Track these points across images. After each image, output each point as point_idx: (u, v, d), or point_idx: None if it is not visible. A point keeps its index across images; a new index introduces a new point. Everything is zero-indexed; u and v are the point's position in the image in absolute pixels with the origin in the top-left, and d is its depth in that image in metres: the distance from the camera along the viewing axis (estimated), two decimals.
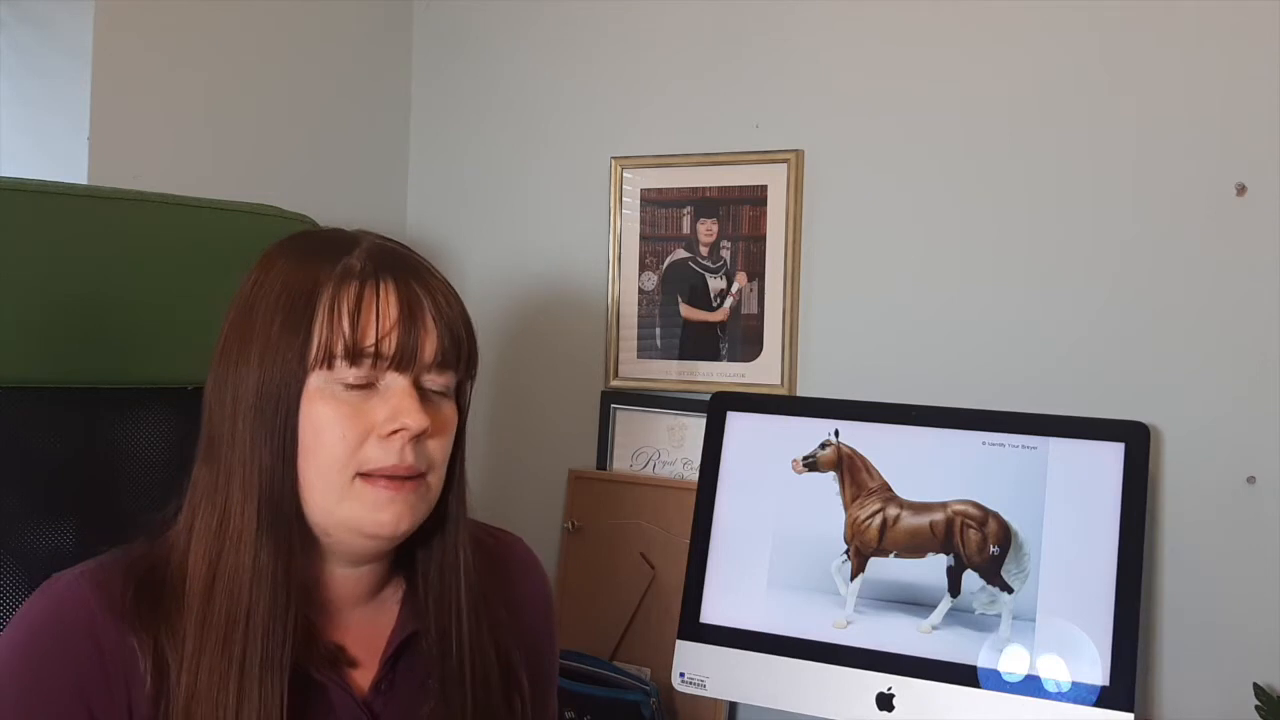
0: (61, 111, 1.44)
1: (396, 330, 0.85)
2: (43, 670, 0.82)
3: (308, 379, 0.85)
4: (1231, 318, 1.41)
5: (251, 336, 0.86)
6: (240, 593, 0.84)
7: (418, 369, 0.87)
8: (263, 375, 0.85)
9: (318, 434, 0.85)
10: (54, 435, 1.07)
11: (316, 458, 0.85)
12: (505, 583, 1.03)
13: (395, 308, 0.86)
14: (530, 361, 1.84)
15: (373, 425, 0.85)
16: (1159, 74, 1.45)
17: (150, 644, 0.83)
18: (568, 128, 1.81)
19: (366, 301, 0.85)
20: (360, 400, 0.86)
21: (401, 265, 0.89)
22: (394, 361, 0.86)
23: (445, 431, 0.90)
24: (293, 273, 0.87)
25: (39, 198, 1.08)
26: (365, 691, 0.91)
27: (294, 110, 1.72)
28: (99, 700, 0.82)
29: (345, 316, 0.85)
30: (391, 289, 0.86)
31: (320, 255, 0.88)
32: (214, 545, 0.85)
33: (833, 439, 1.43)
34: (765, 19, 1.67)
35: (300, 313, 0.85)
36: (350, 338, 0.84)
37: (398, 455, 0.86)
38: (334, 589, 0.92)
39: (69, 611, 0.84)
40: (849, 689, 1.35)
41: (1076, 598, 1.29)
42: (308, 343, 0.85)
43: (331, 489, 0.86)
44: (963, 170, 1.55)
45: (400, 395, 0.86)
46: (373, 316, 0.85)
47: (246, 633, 0.83)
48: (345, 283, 0.86)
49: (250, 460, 0.85)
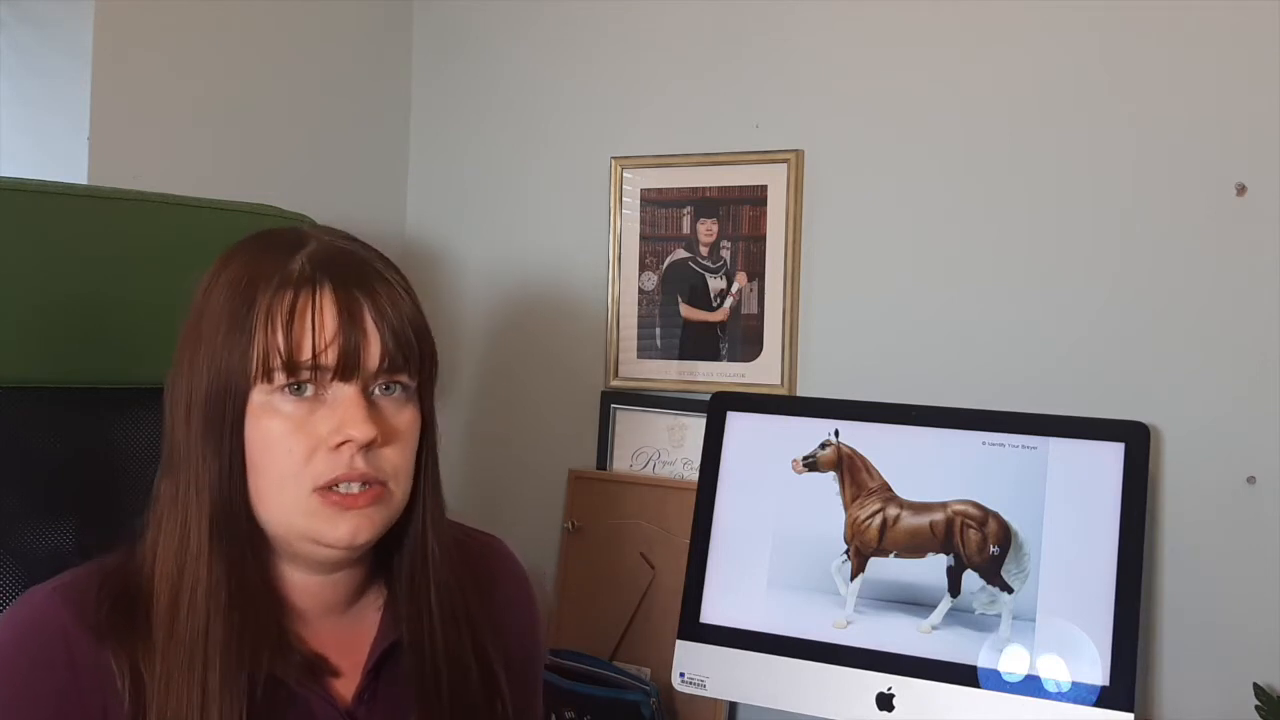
0: (61, 111, 1.44)
1: (337, 340, 0.82)
2: (17, 687, 0.82)
3: (251, 393, 0.83)
4: (1231, 318, 1.41)
5: (200, 343, 0.85)
6: (198, 610, 0.83)
7: (363, 377, 0.84)
8: (209, 384, 0.84)
9: (265, 449, 0.84)
10: (54, 435, 1.07)
11: (268, 473, 0.84)
12: (485, 585, 1.02)
13: (333, 315, 0.83)
14: (530, 361, 1.84)
15: (319, 438, 0.83)
16: (1159, 74, 1.45)
17: (127, 661, 0.83)
18: (568, 128, 1.81)
19: (301, 311, 0.83)
20: (306, 413, 0.84)
21: (344, 268, 0.85)
22: (336, 372, 0.83)
23: (402, 437, 0.87)
24: (237, 278, 0.85)
25: (39, 198, 1.08)
26: (348, 702, 0.91)
27: (294, 110, 1.72)
28: (75, 716, 0.82)
29: (280, 328, 0.82)
30: (329, 296, 0.83)
31: (264, 259, 0.86)
32: (176, 562, 0.84)
33: (833, 439, 1.43)
34: (765, 19, 1.67)
35: (242, 321, 0.83)
36: (285, 350, 0.82)
37: (347, 464, 0.84)
38: (308, 597, 0.91)
39: (42, 627, 0.83)
40: (849, 689, 1.35)
41: (1076, 598, 1.29)
42: (248, 355, 0.83)
43: (287, 503, 0.84)
44: (963, 170, 1.55)
45: (346, 406, 0.83)
46: (307, 326, 0.82)
47: (206, 651, 0.82)
48: (282, 291, 0.83)
49: (202, 473, 0.84)
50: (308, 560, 0.89)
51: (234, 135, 1.62)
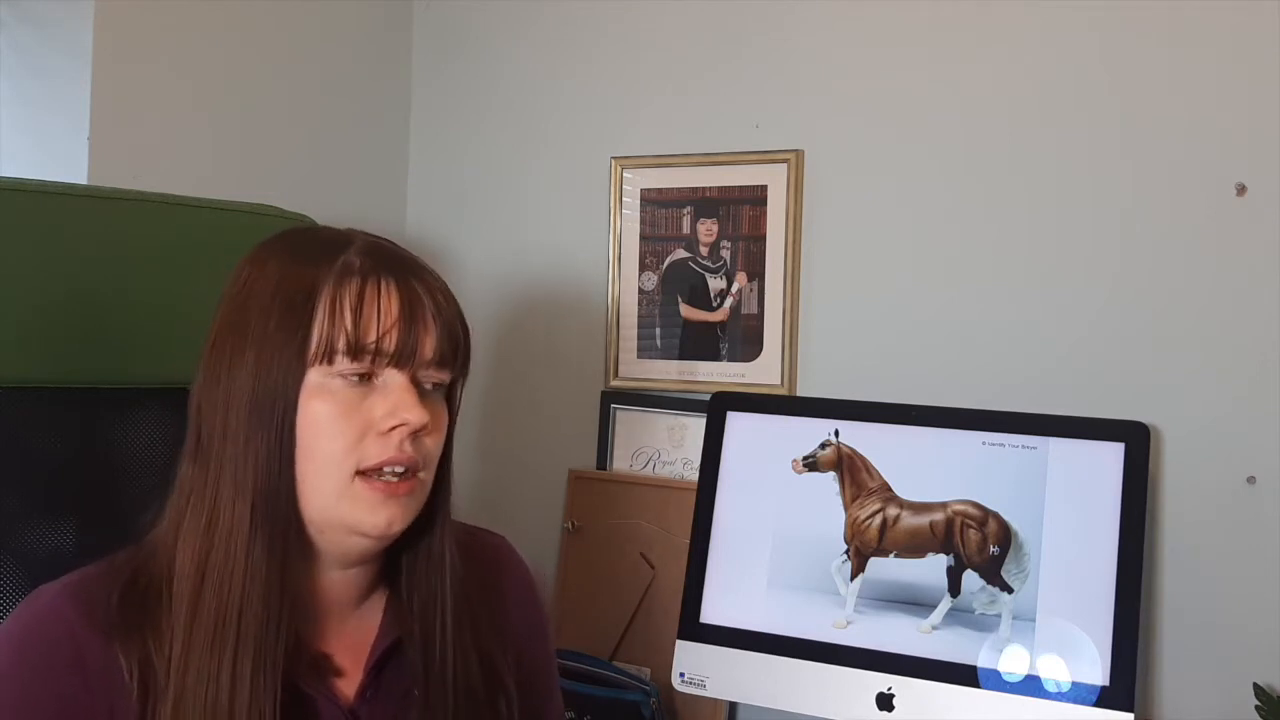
0: (61, 111, 1.44)
1: (398, 327, 0.86)
2: (24, 688, 0.82)
3: (306, 375, 0.85)
4: (1231, 318, 1.41)
5: (246, 333, 0.86)
6: (231, 591, 0.83)
7: (416, 366, 0.87)
8: (259, 372, 0.85)
9: (316, 431, 0.85)
10: (54, 435, 1.07)
11: (315, 455, 0.85)
12: (489, 583, 1.02)
13: (396, 305, 0.86)
14: (530, 361, 1.84)
15: (371, 422, 0.85)
16: (1159, 75, 1.45)
17: (136, 650, 0.83)
18: (568, 128, 1.81)
19: (369, 298, 0.86)
20: (358, 398, 0.86)
21: (399, 263, 0.89)
22: (394, 358, 0.86)
23: (440, 430, 0.91)
24: (288, 270, 0.87)
25: (39, 198, 1.08)
26: (351, 700, 0.91)
27: (294, 110, 1.72)
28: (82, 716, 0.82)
29: (348, 312, 0.85)
30: (393, 286, 0.87)
31: (316, 252, 0.88)
32: (203, 544, 0.85)
33: (833, 439, 1.43)
34: (765, 19, 1.67)
35: (299, 309, 0.85)
36: (353, 333, 0.84)
37: (396, 448, 0.86)
38: (323, 594, 0.92)
39: (49, 628, 0.83)
40: (849, 689, 1.35)
41: (1076, 598, 1.29)
42: (307, 339, 0.85)
43: (330, 486, 0.86)
44: (963, 170, 1.55)
45: (399, 391, 0.86)
46: (375, 312, 0.85)
47: (239, 631, 0.83)
48: (346, 279, 0.86)
49: (244, 458, 0.85)
50: (339, 551, 0.90)
51: (234, 135, 1.62)
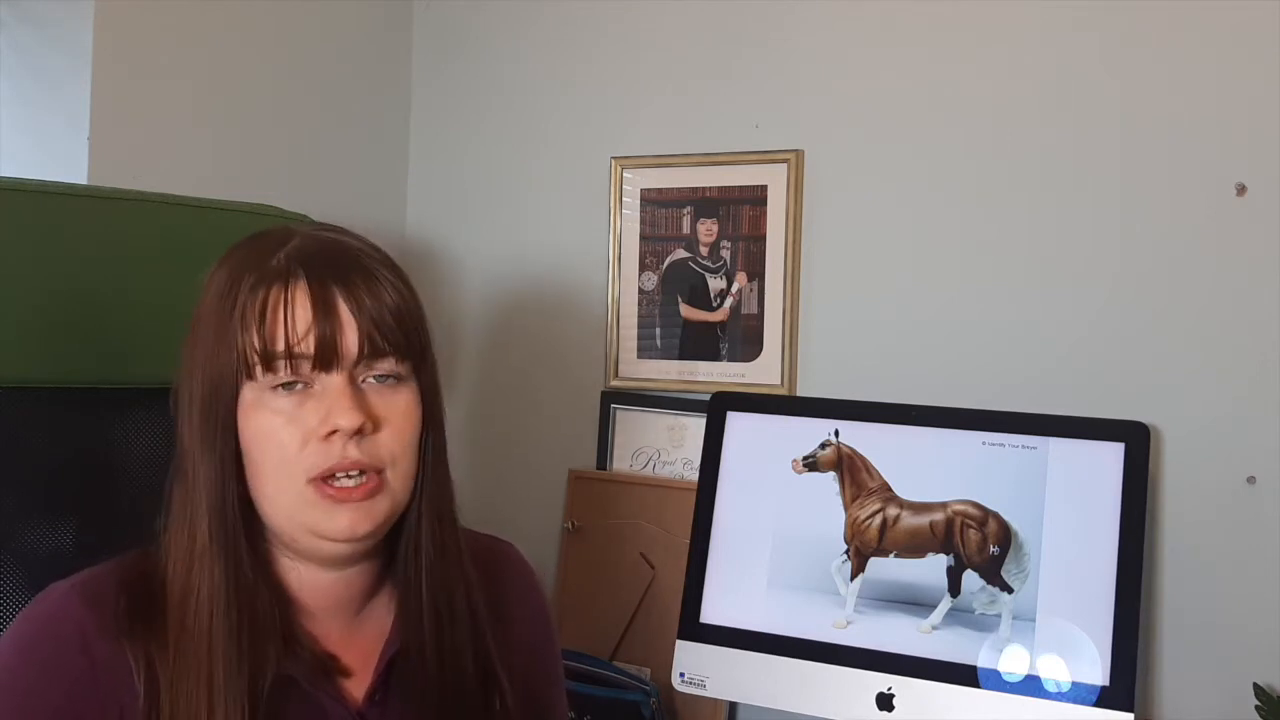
0: (61, 111, 1.44)
1: (311, 330, 0.83)
2: (34, 685, 0.82)
3: (241, 391, 0.85)
4: (1231, 318, 1.41)
5: (196, 345, 0.87)
6: (203, 611, 0.84)
7: (345, 364, 0.85)
8: (204, 386, 0.86)
9: (259, 444, 0.85)
10: (54, 435, 1.07)
11: (263, 467, 0.85)
12: (497, 589, 1.02)
13: (306, 308, 0.84)
14: (530, 361, 1.84)
15: (310, 429, 0.84)
16: (1159, 74, 1.45)
17: (143, 656, 0.83)
18: (568, 128, 1.81)
19: (274, 305, 0.84)
20: (296, 406, 0.84)
21: (322, 261, 0.86)
22: (315, 362, 0.84)
23: (394, 423, 0.87)
24: (223, 279, 0.87)
25: (39, 198, 1.08)
26: (359, 702, 0.91)
27: (294, 110, 1.72)
28: (91, 715, 0.82)
29: (254, 324, 0.84)
30: (301, 289, 0.84)
31: (248, 259, 0.87)
32: (185, 562, 0.85)
33: (833, 439, 1.43)
34: (765, 19, 1.67)
35: (226, 322, 0.85)
36: (260, 344, 0.83)
37: (340, 454, 0.84)
38: (319, 595, 0.91)
39: (60, 625, 0.83)
40: (849, 689, 1.35)
41: (1076, 598, 1.29)
42: (233, 353, 0.84)
43: (285, 498, 0.85)
44: (963, 170, 1.55)
45: (333, 395, 0.84)
46: (280, 319, 0.83)
47: (210, 649, 0.83)
48: (258, 288, 0.85)
49: (201, 474, 0.86)
50: (314, 555, 0.89)
51: (234, 135, 1.62)
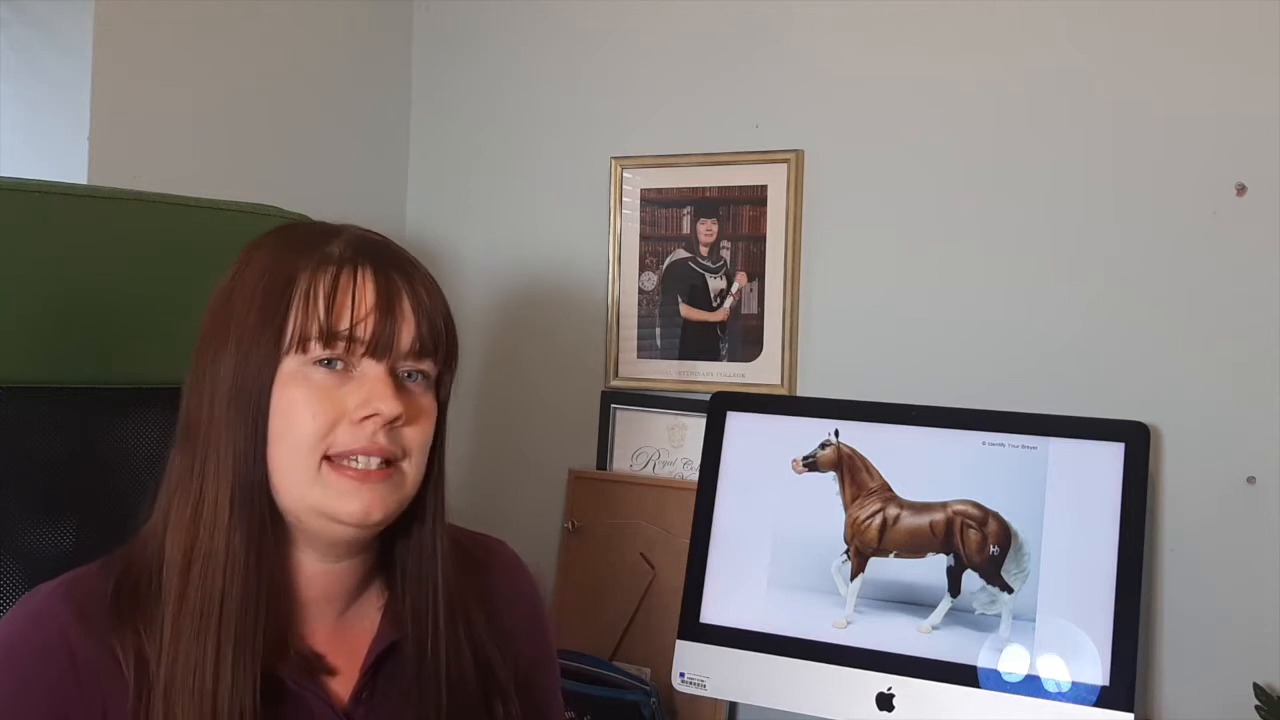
0: (61, 111, 1.44)
1: (373, 316, 0.85)
2: (16, 688, 0.82)
3: (281, 363, 0.85)
4: (1231, 318, 1.41)
5: (229, 325, 0.86)
6: (214, 578, 0.84)
7: (393, 357, 0.86)
8: (238, 361, 0.85)
9: (288, 416, 0.85)
10: (54, 435, 1.07)
11: (285, 440, 0.85)
12: (489, 587, 1.02)
13: (372, 294, 0.86)
14: (530, 361, 1.84)
15: (345, 410, 0.85)
16: (1159, 74, 1.45)
17: (131, 642, 0.83)
18: (568, 128, 1.81)
19: (343, 286, 0.85)
20: (334, 386, 0.85)
21: (381, 254, 0.89)
22: (369, 348, 0.85)
23: (422, 420, 0.89)
24: (271, 262, 0.87)
25: (39, 198, 1.08)
26: (345, 701, 0.90)
27: (294, 110, 1.72)
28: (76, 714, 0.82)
29: (321, 300, 0.85)
30: (369, 276, 0.86)
31: (300, 245, 0.88)
32: (190, 532, 0.85)
33: (833, 439, 1.43)
34: (765, 19, 1.67)
35: (277, 299, 0.85)
36: (325, 321, 0.84)
37: (369, 438, 0.85)
38: (315, 587, 0.91)
39: (39, 630, 0.83)
40: (849, 689, 1.35)
41: (1076, 598, 1.29)
42: (283, 328, 0.85)
43: (299, 473, 0.85)
44: (963, 170, 1.55)
45: (374, 381, 0.85)
46: (348, 301, 0.85)
47: (221, 619, 0.83)
48: (323, 269, 0.86)
49: (225, 446, 0.85)
50: (320, 540, 0.89)
51: (234, 135, 1.62)
